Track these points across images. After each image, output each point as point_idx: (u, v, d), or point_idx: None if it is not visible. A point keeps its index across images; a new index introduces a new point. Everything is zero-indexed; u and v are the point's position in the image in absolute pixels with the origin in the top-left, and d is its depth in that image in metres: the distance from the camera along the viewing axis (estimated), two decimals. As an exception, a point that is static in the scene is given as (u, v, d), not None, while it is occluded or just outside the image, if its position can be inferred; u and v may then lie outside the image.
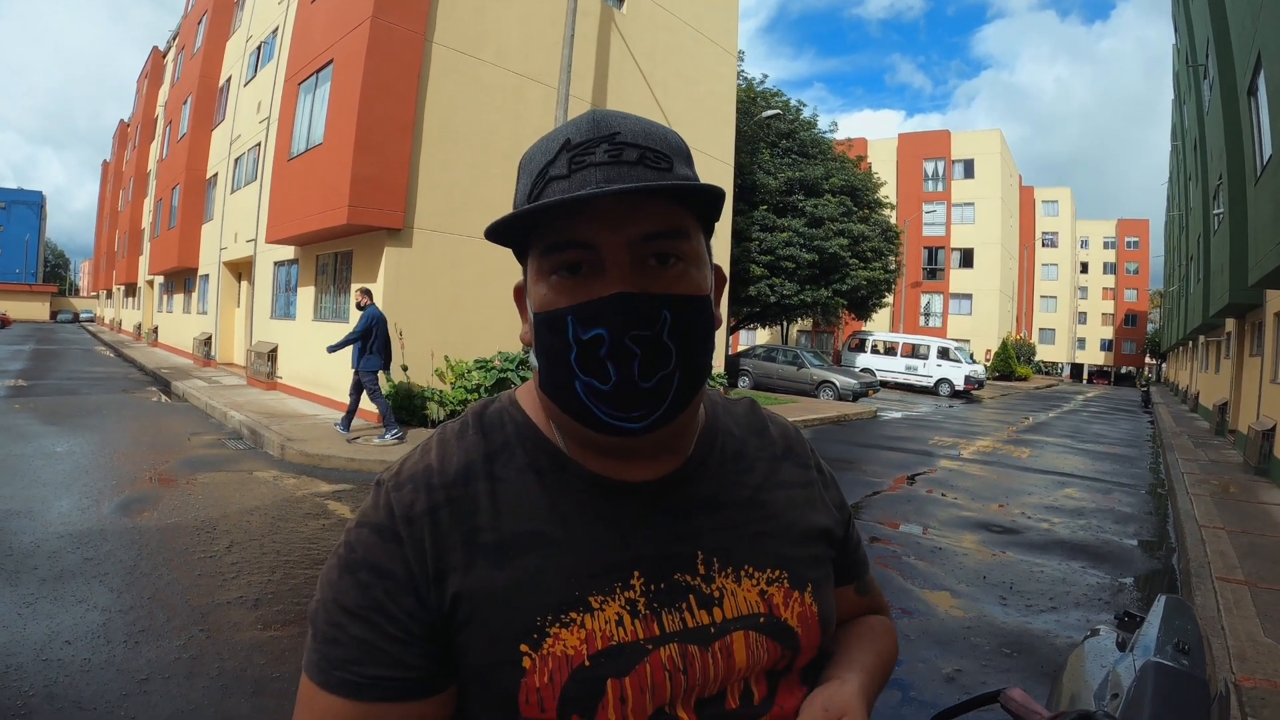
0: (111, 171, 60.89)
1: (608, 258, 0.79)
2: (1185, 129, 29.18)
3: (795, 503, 1.02)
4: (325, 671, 0.81)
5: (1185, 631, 1.75)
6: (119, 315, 48.93)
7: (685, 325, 0.82)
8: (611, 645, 0.83)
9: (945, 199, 59.39)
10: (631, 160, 0.80)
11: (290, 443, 10.25)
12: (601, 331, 0.78)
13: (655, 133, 0.84)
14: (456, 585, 0.82)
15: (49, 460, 9.09)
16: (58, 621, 4.50)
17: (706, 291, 0.86)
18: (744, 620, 0.90)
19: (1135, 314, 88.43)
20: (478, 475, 0.89)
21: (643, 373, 0.80)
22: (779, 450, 1.07)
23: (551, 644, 0.81)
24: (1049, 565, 7.09)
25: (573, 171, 0.79)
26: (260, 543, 6.36)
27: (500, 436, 0.93)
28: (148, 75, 43.41)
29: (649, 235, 0.80)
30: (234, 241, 21.77)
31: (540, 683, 0.80)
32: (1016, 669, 4.60)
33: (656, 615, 0.86)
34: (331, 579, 0.85)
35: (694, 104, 19.37)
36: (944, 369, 33.60)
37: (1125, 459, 15.74)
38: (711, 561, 0.91)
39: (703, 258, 0.87)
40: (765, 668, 0.92)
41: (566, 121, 0.85)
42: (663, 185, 0.76)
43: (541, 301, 0.83)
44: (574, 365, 0.80)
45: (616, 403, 0.80)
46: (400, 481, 0.88)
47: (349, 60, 12.95)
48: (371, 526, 0.86)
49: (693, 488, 0.94)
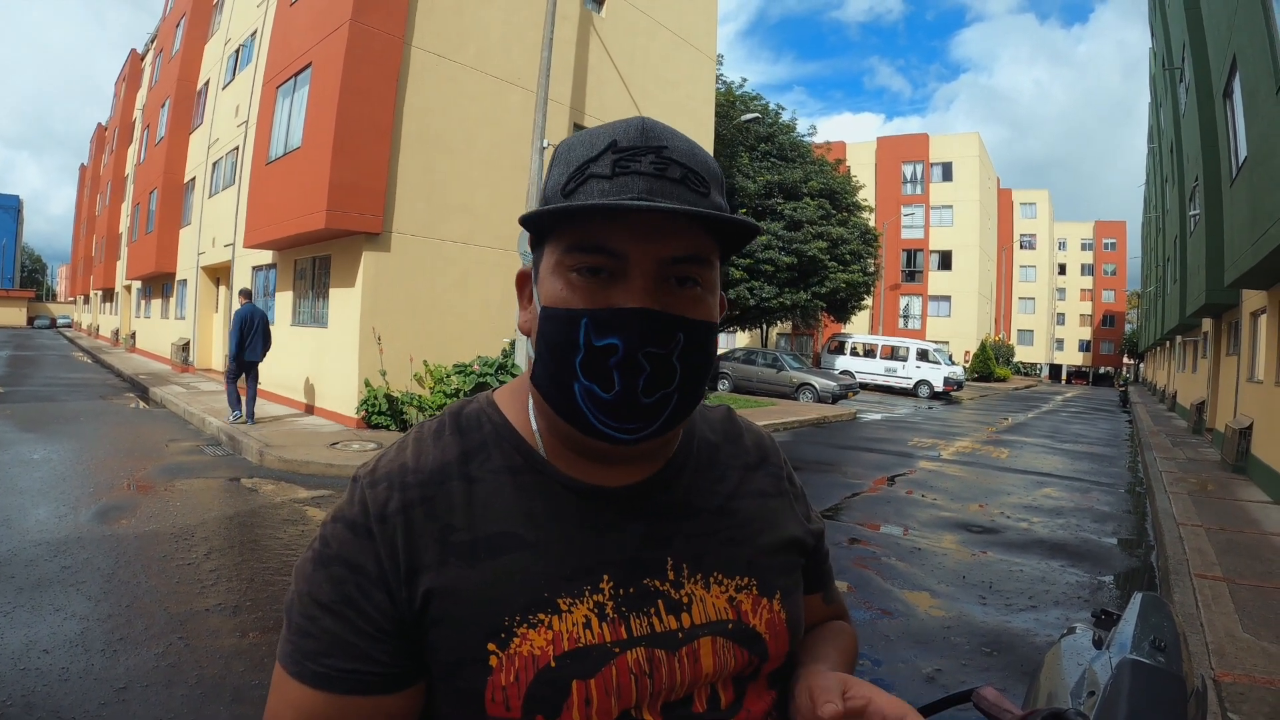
0: (89, 175, 60.51)
1: (634, 269, 0.79)
2: (1162, 131, 29.42)
3: (766, 511, 1.03)
4: (298, 663, 0.82)
5: (1162, 629, 1.75)
6: (96, 320, 48.60)
7: (694, 349, 0.83)
8: (578, 647, 0.83)
9: (924, 202, 59.83)
10: (675, 178, 0.80)
11: (269, 449, 10.18)
12: (616, 341, 0.79)
13: (699, 155, 0.84)
14: (428, 583, 0.82)
15: (26, 467, 8.99)
16: (35, 630, 4.45)
17: (716, 319, 0.87)
18: (712, 626, 0.91)
19: (1113, 315, 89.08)
20: (453, 475, 0.89)
21: (646, 388, 0.80)
22: (753, 459, 1.08)
23: (519, 644, 0.82)
24: (1028, 564, 7.13)
25: (616, 174, 0.80)
26: (239, 549, 6.33)
27: (477, 437, 0.93)
28: (125, 78, 43.10)
29: (678, 257, 0.81)
30: (212, 246, 21.63)
31: (506, 681, 0.81)
32: (996, 668, 4.62)
33: (624, 619, 0.87)
34: (306, 572, 0.86)
35: (673, 108, 19.38)
36: (923, 371, 33.71)
37: (1104, 458, 15.85)
38: (681, 567, 0.92)
39: (717, 286, 0.88)
40: (733, 673, 0.92)
41: (613, 122, 0.84)
42: (714, 215, 0.77)
43: (555, 297, 0.83)
44: (578, 368, 0.81)
45: (614, 412, 0.81)
46: (375, 479, 0.89)
47: (327, 63, 12.89)
48: (345, 522, 0.86)
49: (666, 494, 0.95)
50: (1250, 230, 10.59)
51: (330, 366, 13.61)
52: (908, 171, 60.86)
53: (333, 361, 13.52)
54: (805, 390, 24.85)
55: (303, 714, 0.82)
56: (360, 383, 12.61)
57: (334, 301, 13.79)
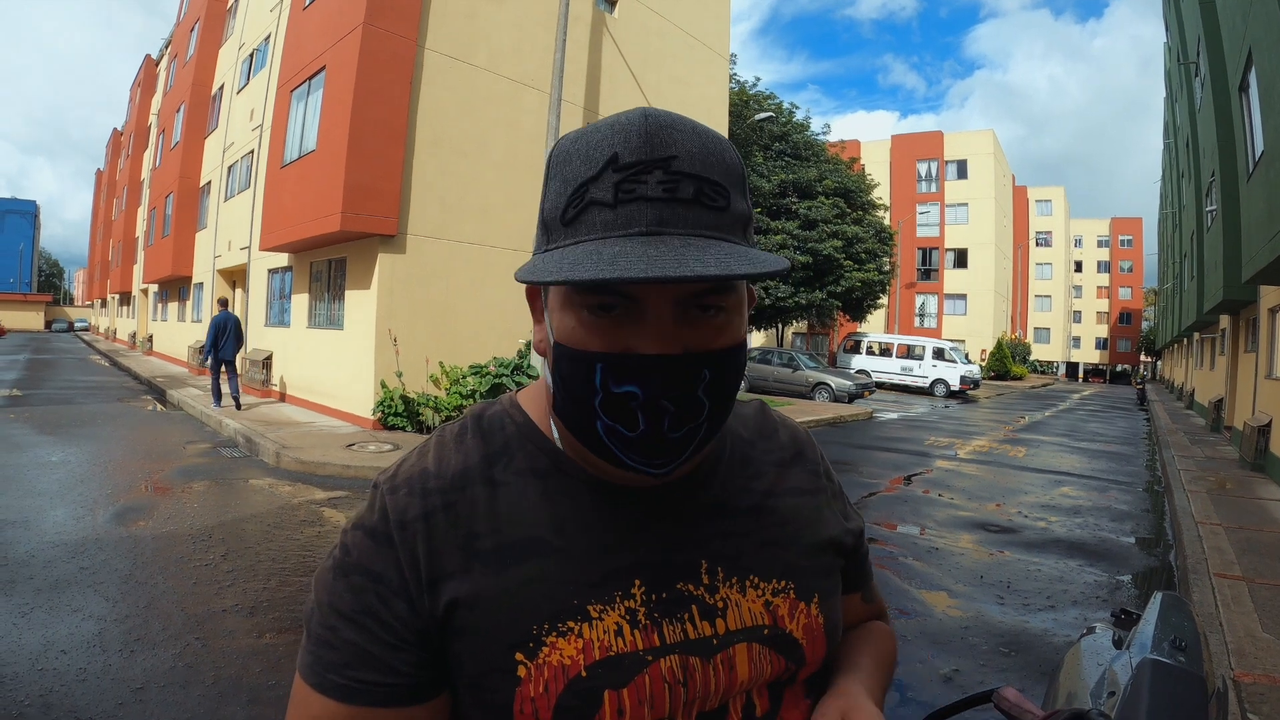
0: (105, 180, 60.90)
1: (650, 311, 0.73)
2: (1178, 126, 29.24)
3: (804, 510, 0.99)
4: (318, 674, 0.80)
5: (1182, 628, 1.73)
6: (114, 324, 48.91)
7: (722, 379, 0.78)
8: (610, 656, 0.81)
9: (939, 200, 59.58)
10: (687, 197, 0.72)
11: (285, 450, 10.22)
12: (634, 389, 0.74)
13: (713, 154, 0.75)
14: (452, 591, 0.80)
15: (44, 470, 9.06)
16: (53, 631, 4.49)
17: (744, 337, 0.81)
18: (748, 632, 0.87)
19: (1130, 312, 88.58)
20: (475, 480, 0.86)
21: (673, 425, 0.76)
22: (788, 455, 1.04)
23: (548, 653, 0.79)
24: (1046, 564, 7.09)
25: (619, 202, 0.72)
26: (255, 551, 6.35)
27: (500, 439, 0.90)
28: (140, 84, 43.37)
29: (697, 292, 0.74)
30: (228, 249, 21.74)
31: (535, 693, 0.79)
32: (1014, 668, 4.59)
33: (657, 625, 0.84)
34: (326, 581, 0.83)
35: (686, 108, 19.32)
36: (939, 369, 33.60)
37: (1121, 457, 15.76)
38: (716, 570, 0.89)
39: (744, 302, 0.81)
40: (768, 680, 0.90)
41: (613, 116, 0.77)
42: (729, 276, 0.66)
43: (567, 335, 0.77)
44: (598, 408, 0.76)
45: (641, 451, 0.77)
46: (396, 485, 0.86)
47: (341, 67, 12.93)
48: (366, 529, 0.84)
49: (698, 493, 0.91)
50: (1267, 225, 10.51)
51: (346, 368, 13.65)
52: (922, 169, 60.63)
53: (349, 363, 13.56)
54: (821, 390, 24.80)
55: None
56: (376, 384, 12.65)
57: (350, 303, 13.84)
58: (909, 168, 60.60)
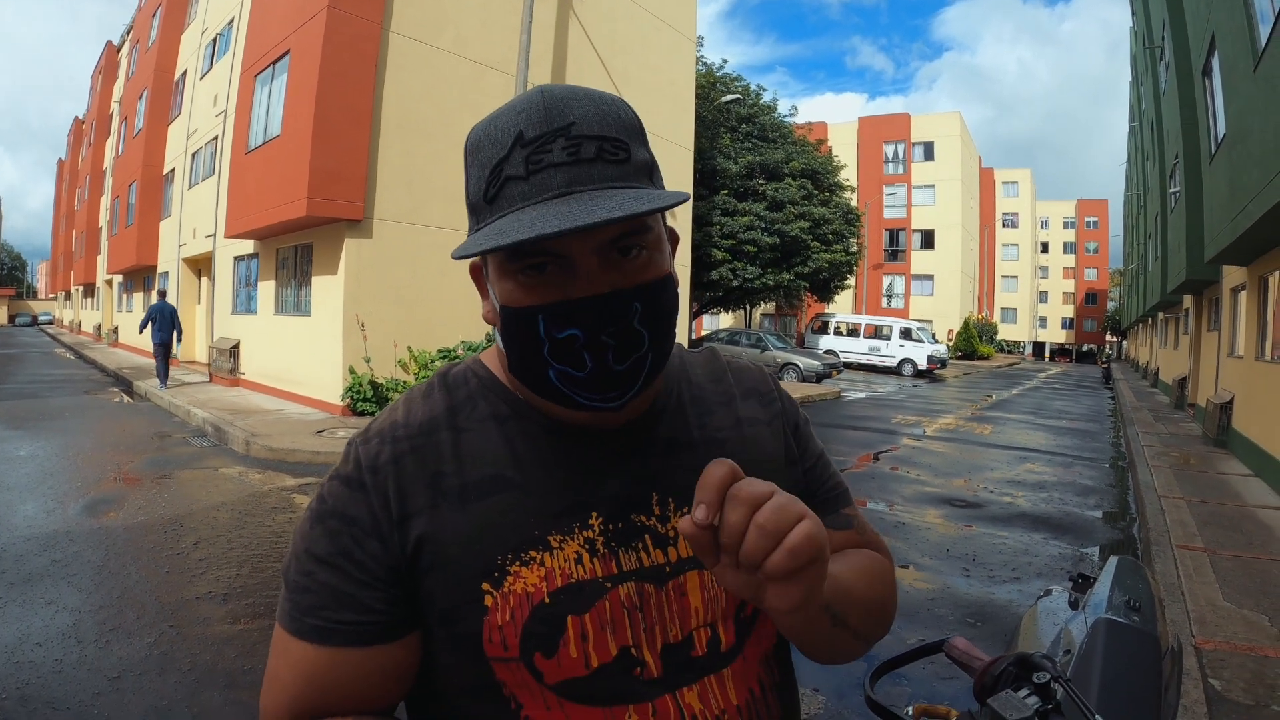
0: (67, 170, 59.79)
1: (576, 263, 0.79)
2: (1143, 110, 29.52)
3: (758, 439, 1.03)
4: (296, 619, 0.84)
5: (1136, 590, 1.79)
6: (78, 316, 48.18)
7: (654, 309, 0.83)
8: (571, 583, 0.85)
9: (906, 181, 59.91)
10: (590, 156, 0.78)
11: (255, 438, 10.16)
12: (575, 332, 0.79)
13: (609, 114, 0.82)
14: (420, 528, 0.84)
15: (12, 464, 8.95)
16: (27, 624, 4.47)
17: (669, 269, 0.87)
18: (698, 559, 0.87)
19: (1096, 292, 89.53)
20: (441, 426, 0.91)
21: (617, 358, 0.81)
22: (741, 390, 1.08)
23: (512, 582, 0.84)
24: (1011, 537, 7.21)
25: (531, 173, 0.78)
26: (227, 538, 6.33)
27: (464, 392, 0.95)
28: (102, 71, 42.66)
29: (615, 237, 0.80)
30: (193, 237, 21.49)
31: (502, 620, 0.83)
32: (980, 638, 4.66)
33: (614, 554, 0.88)
34: (304, 530, 0.87)
35: (653, 90, 19.32)
36: (907, 349, 33.85)
37: (1087, 434, 15.98)
38: (667, 502, 0.93)
39: (663, 238, 0.87)
40: (725, 610, 0.93)
41: (513, 100, 0.83)
42: (632, 215, 0.72)
43: (508, 297, 0.83)
44: (547, 356, 0.81)
45: (593, 387, 0.82)
46: (368, 437, 0.91)
47: (305, 50, 12.80)
48: (341, 478, 0.88)
49: (652, 431, 0.96)
50: (1229, 206, 10.67)
51: (314, 355, 13.56)
52: (889, 151, 60.88)
53: (317, 350, 13.47)
54: (789, 370, 24.96)
55: (302, 671, 0.84)
56: (345, 370, 12.59)
57: (317, 289, 13.75)
58: (876, 150, 60.82)
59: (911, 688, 3.93)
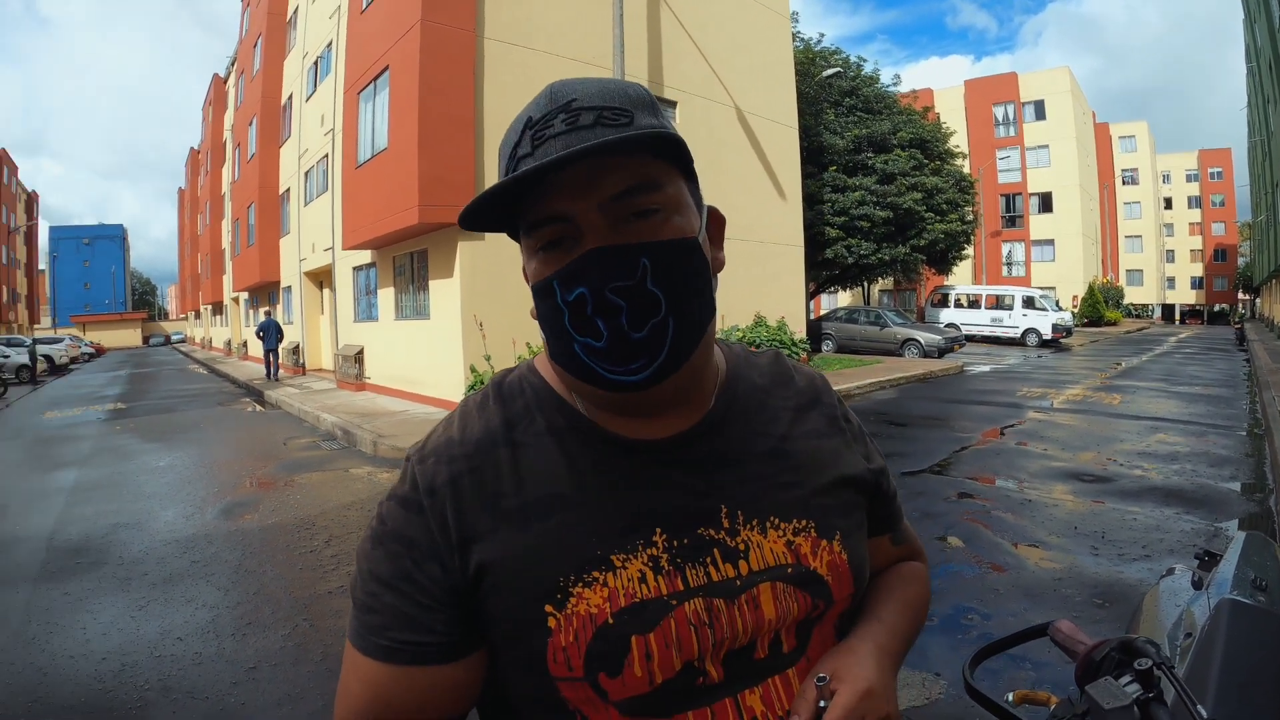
0: (188, 198, 63.07)
1: (583, 224, 0.80)
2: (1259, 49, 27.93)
3: (822, 452, 1.01)
4: (364, 638, 0.87)
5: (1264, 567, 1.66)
6: (209, 333, 50.47)
7: (669, 270, 0.81)
8: (635, 602, 0.84)
9: (1018, 143, 57.74)
10: (588, 124, 0.79)
11: (382, 439, 10.48)
12: (583, 290, 0.79)
13: (612, 89, 0.83)
14: (482, 552, 0.85)
15: (152, 475, 9.46)
16: (169, 620, 4.73)
17: (693, 234, 0.85)
18: (771, 572, 0.90)
19: (1224, 248, 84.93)
20: (498, 443, 0.91)
21: (632, 323, 0.80)
22: (805, 400, 1.06)
23: (575, 603, 0.83)
24: (1142, 513, 6.88)
25: (535, 148, 0.80)
26: (358, 536, 6.47)
27: (520, 403, 0.95)
28: (211, 102, 44.73)
29: (618, 195, 0.80)
30: (312, 251, 22.33)
31: (566, 641, 0.82)
32: (1108, 619, 4.46)
33: (680, 570, 0.87)
34: (365, 550, 0.90)
35: (751, 72, 19.15)
36: (1030, 319, 32.72)
37: (1220, 400, 15.15)
38: (735, 515, 0.91)
39: (685, 203, 0.86)
40: (797, 619, 0.91)
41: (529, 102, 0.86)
42: (603, 142, 0.74)
43: (533, 275, 0.85)
44: (569, 329, 0.82)
45: (613, 357, 0.81)
46: (425, 455, 0.92)
47: (404, 64, 13.12)
48: (398, 499, 0.90)
49: (713, 442, 0.94)
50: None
51: (436, 356, 13.92)
52: (999, 113, 58.77)
53: (438, 351, 13.83)
54: (910, 346, 24.52)
55: (371, 687, 0.86)
56: (466, 369, 12.86)
57: (434, 293, 14.09)
58: (985, 113, 58.84)
59: (1036, 673, 3.80)
